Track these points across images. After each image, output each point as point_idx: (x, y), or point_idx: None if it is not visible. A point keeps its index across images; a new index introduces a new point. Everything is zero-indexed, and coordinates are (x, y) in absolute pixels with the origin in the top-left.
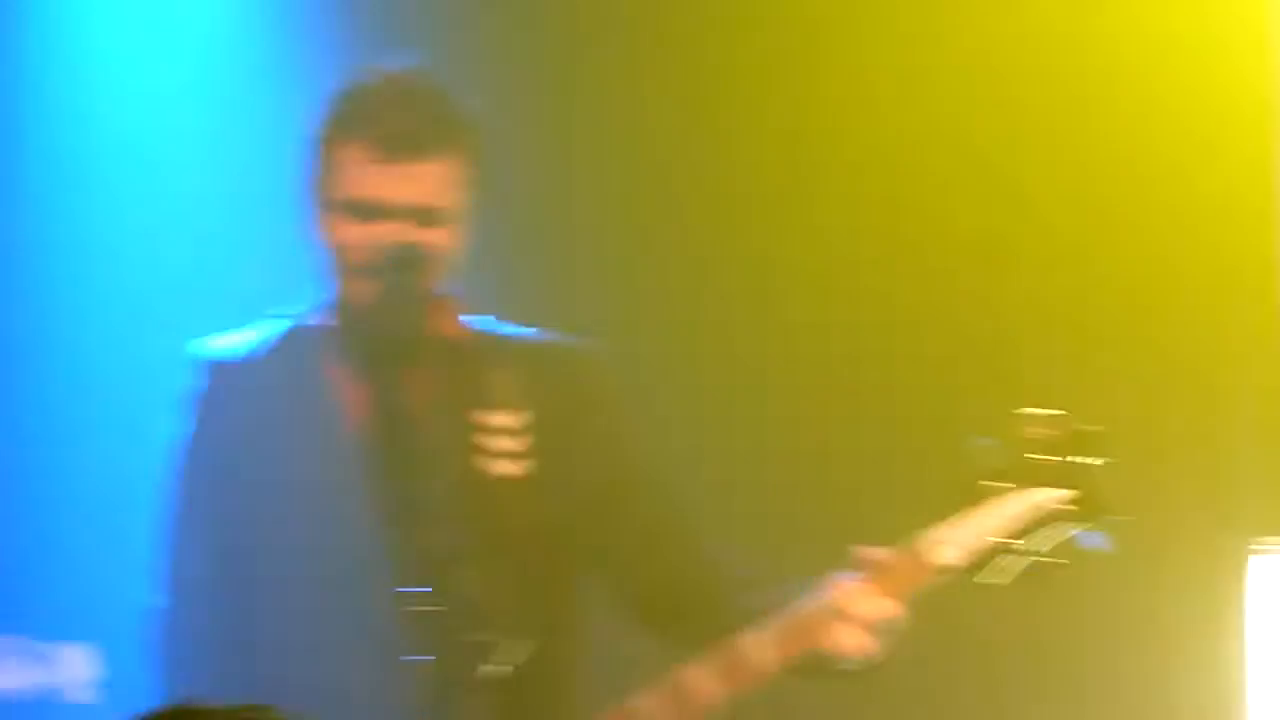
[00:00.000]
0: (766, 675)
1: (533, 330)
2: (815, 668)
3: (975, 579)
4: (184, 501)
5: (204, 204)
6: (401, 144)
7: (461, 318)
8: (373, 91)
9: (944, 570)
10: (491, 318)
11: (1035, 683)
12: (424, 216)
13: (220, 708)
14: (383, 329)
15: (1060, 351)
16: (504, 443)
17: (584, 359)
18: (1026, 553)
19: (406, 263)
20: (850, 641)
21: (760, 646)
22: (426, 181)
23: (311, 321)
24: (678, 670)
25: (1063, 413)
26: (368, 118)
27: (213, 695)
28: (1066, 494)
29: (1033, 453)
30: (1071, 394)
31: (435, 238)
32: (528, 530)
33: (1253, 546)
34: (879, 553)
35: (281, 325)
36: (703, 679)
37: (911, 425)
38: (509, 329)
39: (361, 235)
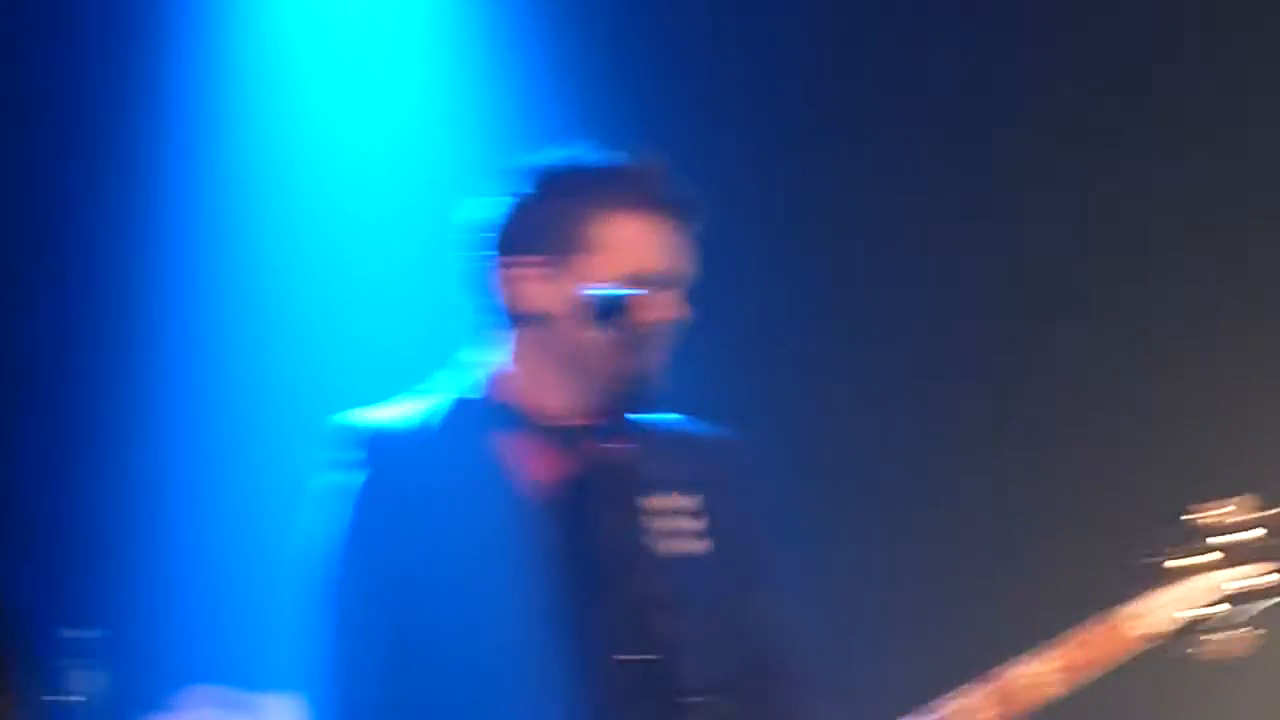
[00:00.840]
0: None
1: (683, 418)
2: None
3: (1176, 651)
4: (356, 575)
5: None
6: (683, 214)
7: None
8: (646, 167)
9: (1147, 640)
10: None
11: None
12: (685, 287)
13: None
14: (640, 395)
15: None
16: (682, 523)
17: (742, 449)
18: (1227, 625)
19: (675, 334)
20: None
21: None
22: (689, 253)
23: (479, 393)
24: None
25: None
26: (655, 190)
27: None
28: (1270, 566)
29: (1237, 531)
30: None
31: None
32: (707, 606)
33: None
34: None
35: (447, 397)
36: None
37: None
38: (666, 416)
39: (648, 306)
